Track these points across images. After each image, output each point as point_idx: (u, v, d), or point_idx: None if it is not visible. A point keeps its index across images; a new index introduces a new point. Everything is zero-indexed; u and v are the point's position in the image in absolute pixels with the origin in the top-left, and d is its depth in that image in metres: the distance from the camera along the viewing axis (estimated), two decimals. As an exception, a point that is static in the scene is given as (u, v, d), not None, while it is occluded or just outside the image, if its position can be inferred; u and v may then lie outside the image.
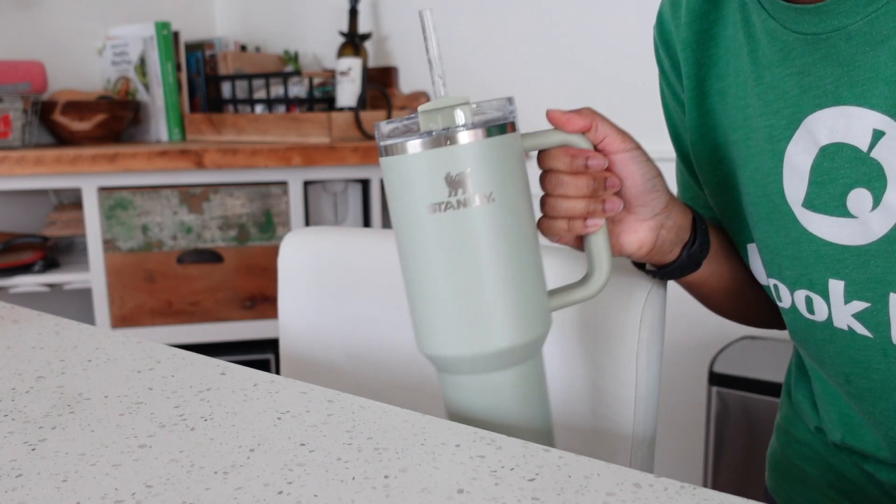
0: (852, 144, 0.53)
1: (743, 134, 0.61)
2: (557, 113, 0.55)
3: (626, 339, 0.68)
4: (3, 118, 1.67)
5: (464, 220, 0.49)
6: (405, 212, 0.51)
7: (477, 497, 0.40)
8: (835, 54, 0.53)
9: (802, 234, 0.58)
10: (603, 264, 0.57)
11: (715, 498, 0.39)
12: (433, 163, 0.49)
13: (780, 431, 0.76)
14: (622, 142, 0.55)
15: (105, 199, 1.62)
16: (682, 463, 1.61)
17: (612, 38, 1.58)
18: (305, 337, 0.89)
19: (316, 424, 0.49)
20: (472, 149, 0.49)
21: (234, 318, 1.71)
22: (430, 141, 0.49)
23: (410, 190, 0.50)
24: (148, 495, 0.40)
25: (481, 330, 0.51)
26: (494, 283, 0.50)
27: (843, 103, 0.53)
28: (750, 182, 0.61)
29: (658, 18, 0.70)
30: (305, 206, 1.72)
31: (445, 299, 0.51)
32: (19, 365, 0.61)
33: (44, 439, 0.48)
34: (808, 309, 0.60)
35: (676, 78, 0.68)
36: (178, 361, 0.61)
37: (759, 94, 0.59)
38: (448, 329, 0.52)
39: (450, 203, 0.49)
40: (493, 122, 0.50)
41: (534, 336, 0.53)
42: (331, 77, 1.87)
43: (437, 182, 0.49)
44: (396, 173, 0.51)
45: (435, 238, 0.50)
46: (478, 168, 0.49)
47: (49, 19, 1.98)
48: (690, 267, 0.64)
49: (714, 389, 1.36)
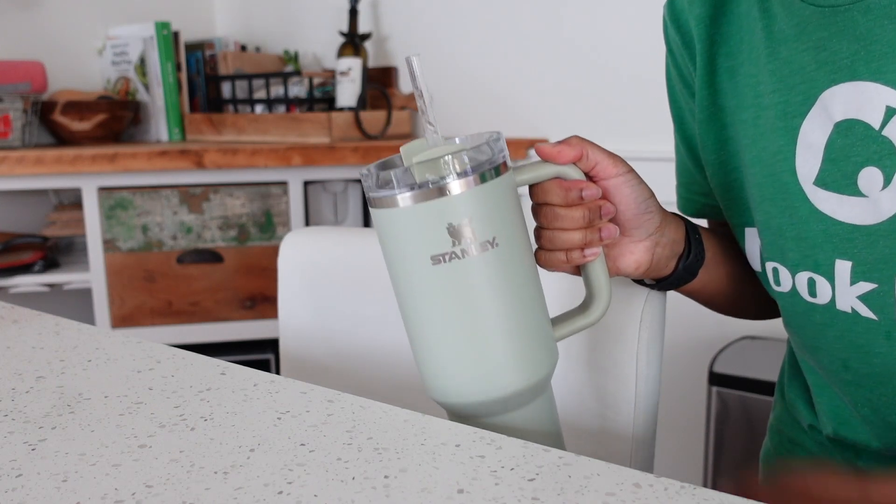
0: (864, 121, 0.52)
1: (753, 113, 0.61)
2: (547, 147, 0.54)
3: (626, 339, 0.68)
4: (3, 118, 1.67)
5: (467, 268, 0.49)
6: (405, 264, 0.50)
7: (477, 497, 0.40)
8: (852, 27, 0.52)
9: (811, 213, 0.57)
10: (603, 290, 0.57)
11: (715, 498, 0.39)
12: (433, 214, 0.48)
13: (773, 431, 0.76)
14: (614, 166, 0.55)
15: (105, 199, 1.62)
16: (682, 463, 1.61)
17: (615, 37, 1.58)
18: (305, 337, 0.89)
19: (316, 424, 0.49)
20: (471, 196, 0.48)
21: (234, 318, 1.71)
22: (427, 192, 0.47)
23: (409, 242, 0.49)
24: (148, 495, 0.40)
25: (490, 375, 0.51)
26: (501, 327, 0.50)
27: (858, 78, 0.52)
28: (757, 161, 0.61)
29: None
30: (305, 206, 1.72)
31: (452, 348, 0.51)
32: (19, 365, 0.61)
33: (44, 439, 0.48)
34: (809, 292, 0.60)
35: (687, 57, 0.68)
36: (178, 361, 0.61)
37: (773, 70, 0.58)
38: (457, 376, 0.51)
39: (453, 253, 0.48)
40: (487, 165, 0.49)
41: (543, 374, 0.52)
42: (331, 77, 1.88)
43: (438, 233, 0.48)
44: (393, 226, 0.49)
45: (438, 289, 0.49)
46: (478, 215, 0.48)
47: (49, 19, 1.98)
48: (686, 278, 0.64)
49: (714, 389, 1.36)
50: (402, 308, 0.52)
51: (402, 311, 0.52)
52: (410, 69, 0.51)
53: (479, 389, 0.51)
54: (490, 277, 0.49)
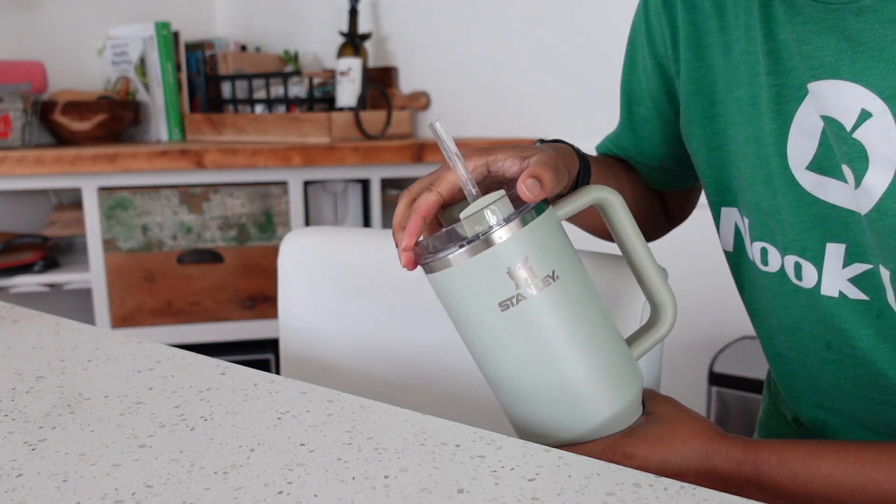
0: (838, 120, 0.53)
1: (749, 91, 0.60)
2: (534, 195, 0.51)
3: (626, 339, 0.68)
4: (3, 118, 1.67)
5: (535, 306, 0.49)
6: (474, 318, 0.51)
7: (477, 497, 0.40)
8: (841, 27, 0.52)
9: (802, 198, 0.57)
10: (666, 301, 0.58)
11: (715, 498, 0.39)
12: (491, 263, 0.49)
13: (761, 426, 0.77)
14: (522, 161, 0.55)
15: (105, 199, 1.62)
16: (682, 463, 1.61)
17: (616, 37, 1.58)
18: (305, 337, 0.89)
19: (316, 424, 0.49)
20: (521, 237, 0.49)
21: (234, 318, 1.71)
22: (480, 245, 0.49)
23: (474, 296, 0.50)
24: (148, 495, 0.40)
25: (580, 409, 0.51)
26: (580, 359, 0.50)
27: (839, 77, 0.52)
28: (751, 141, 0.60)
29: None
30: (305, 206, 1.72)
31: (537, 390, 0.51)
32: (19, 365, 0.61)
33: (44, 439, 0.48)
34: (796, 275, 0.60)
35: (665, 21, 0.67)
36: (178, 361, 0.61)
37: (768, 51, 0.58)
38: (548, 417, 0.52)
39: (519, 296, 0.49)
40: (530, 206, 0.50)
41: (631, 396, 0.53)
42: (331, 77, 1.88)
43: (500, 280, 0.49)
44: (454, 284, 0.50)
45: (512, 334, 0.50)
46: (533, 253, 0.49)
47: (49, 19, 1.98)
48: None
49: (714, 389, 1.36)
50: (480, 361, 0.53)
51: (480, 363, 0.53)
52: (437, 134, 0.51)
53: (573, 425, 0.52)
54: (558, 310, 0.50)
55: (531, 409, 0.52)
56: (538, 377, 0.51)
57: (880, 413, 0.59)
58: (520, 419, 0.53)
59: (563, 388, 0.51)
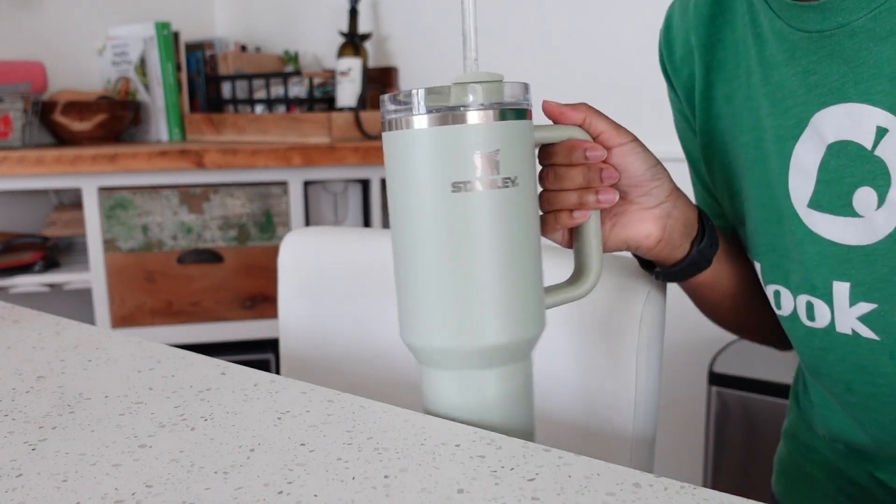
0: (857, 142, 0.53)
1: (753, 136, 0.61)
2: (553, 105, 0.54)
3: (626, 339, 0.68)
4: (3, 118, 1.67)
5: (483, 201, 0.47)
6: (420, 189, 0.48)
7: (477, 497, 0.40)
8: (840, 51, 0.52)
9: (806, 236, 0.57)
10: (593, 262, 0.56)
11: (715, 498, 0.39)
12: (460, 139, 0.47)
13: (788, 437, 0.75)
14: (618, 136, 0.55)
15: (105, 199, 1.62)
16: (682, 463, 1.61)
17: (616, 37, 1.58)
18: (305, 337, 0.89)
19: (316, 424, 0.49)
20: (505, 129, 0.47)
21: (234, 318, 1.71)
22: (449, 116, 0.47)
23: (432, 166, 0.47)
24: (148, 495, 0.40)
25: (474, 322, 0.49)
26: (497, 273, 0.48)
27: (847, 100, 0.53)
28: (757, 185, 0.61)
29: (665, 23, 0.70)
30: (305, 206, 1.72)
31: (441, 285, 0.49)
32: (19, 365, 0.61)
33: (44, 439, 0.48)
34: (808, 315, 0.59)
35: (679, 85, 0.68)
36: (178, 361, 0.61)
37: (767, 93, 0.58)
38: (439, 318, 0.49)
39: (466, 183, 0.47)
40: (514, 106, 0.49)
41: (529, 335, 0.51)
42: (331, 77, 1.87)
43: (465, 160, 0.47)
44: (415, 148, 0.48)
45: (444, 218, 0.48)
46: (507, 150, 0.47)
47: (49, 19, 1.98)
48: (702, 263, 0.63)
49: (714, 389, 1.36)
50: (398, 238, 0.50)
51: (397, 241, 0.51)
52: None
53: (459, 333, 0.49)
54: (504, 215, 0.48)
55: (427, 301, 0.49)
56: (452, 271, 0.48)
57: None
58: (412, 314, 0.51)
59: (469, 292, 0.48)
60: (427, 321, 0.50)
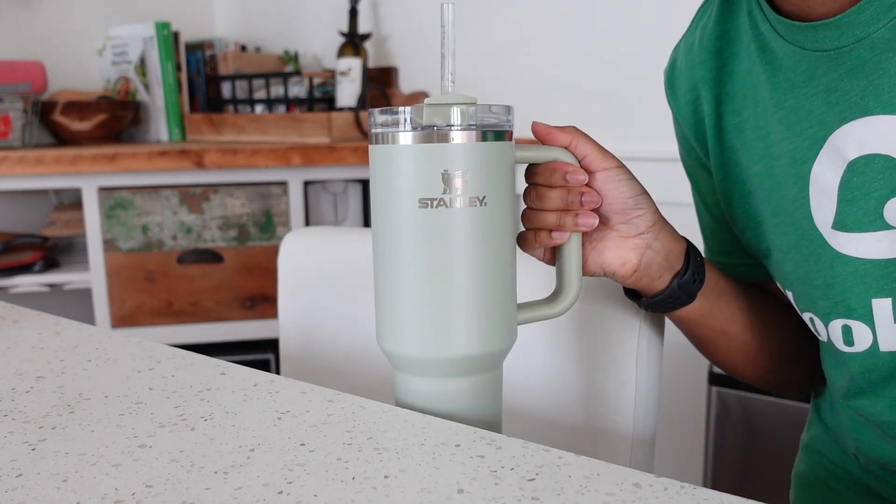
0: (884, 154, 0.52)
1: (765, 164, 0.60)
2: (541, 126, 0.55)
3: (626, 339, 0.68)
4: (3, 118, 1.67)
5: (452, 218, 0.49)
6: (392, 203, 0.50)
7: (477, 497, 0.40)
8: (860, 66, 0.52)
9: (835, 258, 0.56)
10: (572, 283, 0.57)
11: (715, 498, 0.39)
12: (432, 158, 0.49)
13: (810, 451, 0.74)
14: (603, 160, 0.56)
15: (105, 199, 1.62)
16: (682, 463, 1.61)
17: (616, 37, 1.58)
18: (305, 337, 0.89)
19: (316, 424, 0.49)
20: (471, 150, 0.49)
21: (234, 318, 1.71)
22: (430, 135, 0.49)
23: (402, 181, 0.50)
24: (148, 495, 0.40)
25: (447, 333, 0.51)
26: (469, 287, 0.50)
27: (869, 113, 0.52)
28: (777, 212, 0.60)
29: (669, 64, 0.70)
30: (305, 206, 1.72)
31: (416, 296, 0.51)
32: (19, 365, 0.61)
33: (44, 439, 0.48)
34: (845, 341, 0.58)
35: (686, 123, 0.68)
36: (178, 361, 0.61)
37: (781, 118, 0.58)
38: (413, 327, 0.51)
39: (441, 200, 0.49)
40: (493, 128, 0.50)
41: (497, 348, 0.52)
42: (331, 77, 1.87)
43: (432, 177, 0.49)
44: (391, 163, 0.50)
45: (420, 233, 0.50)
46: (474, 170, 0.49)
47: (49, 19, 1.98)
48: (682, 298, 0.62)
49: (714, 389, 1.36)
50: (378, 249, 0.53)
51: (377, 252, 0.53)
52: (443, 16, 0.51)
53: (432, 343, 0.51)
54: (470, 234, 0.50)
55: (402, 313, 0.51)
56: (421, 285, 0.50)
57: None
58: (386, 321, 0.53)
59: (438, 305, 0.50)
60: (401, 330, 0.52)
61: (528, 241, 0.57)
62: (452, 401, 0.52)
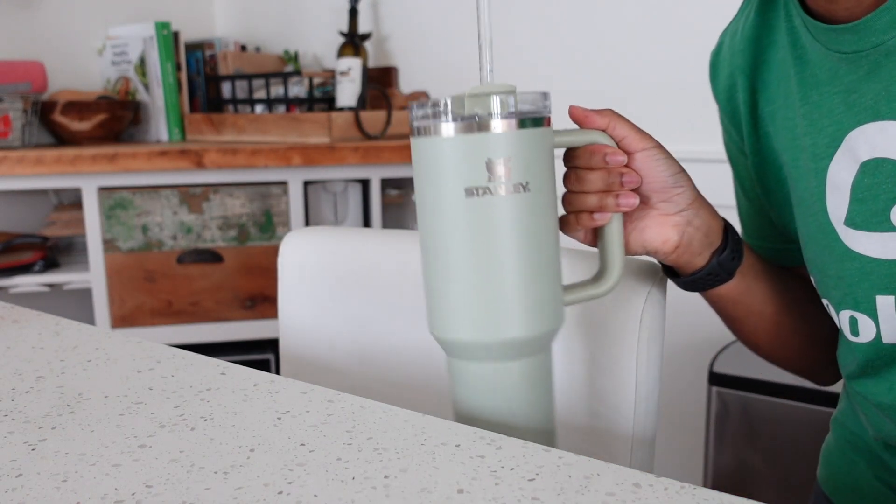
0: (892, 159, 0.53)
1: (792, 155, 0.62)
2: (579, 110, 0.56)
3: (626, 339, 0.68)
4: (3, 118, 1.67)
5: (497, 206, 0.50)
6: (438, 194, 0.51)
7: (477, 497, 0.40)
8: (876, 70, 0.53)
9: (846, 253, 0.58)
10: (615, 262, 0.58)
11: (715, 498, 0.39)
12: (475, 147, 0.50)
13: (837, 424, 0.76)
14: (641, 141, 0.57)
15: (105, 199, 1.62)
16: (682, 463, 1.61)
17: (616, 37, 1.58)
18: (305, 337, 0.89)
19: (316, 424, 0.49)
20: (513, 137, 0.50)
21: (234, 318, 1.71)
22: (472, 125, 0.49)
23: (447, 172, 0.50)
24: (148, 495, 0.40)
25: (497, 317, 0.52)
26: (516, 272, 0.51)
27: (881, 118, 0.53)
28: (800, 202, 0.62)
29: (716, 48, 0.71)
30: (305, 206, 1.72)
31: (466, 284, 0.52)
32: (19, 365, 0.61)
33: (44, 439, 0.48)
34: (851, 331, 0.60)
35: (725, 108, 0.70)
36: (178, 361, 0.61)
37: (805, 113, 0.60)
38: (464, 313, 0.52)
39: (487, 189, 0.50)
40: (532, 115, 0.51)
41: (546, 329, 0.53)
42: (331, 77, 1.87)
43: (476, 167, 0.50)
44: (434, 154, 0.51)
45: (466, 221, 0.51)
46: (517, 157, 0.50)
47: (49, 19, 1.98)
48: (721, 275, 0.63)
49: (714, 389, 1.36)
50: (425, 240, 0.54)
51: (424, 243, 0.54)
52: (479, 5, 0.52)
53: (483, 328, 0.52)
54: (516, 219, 0.51)
55: (453, 300, 0.52)
56: (470, 272, 0.51)
57: None
58: (438, 309, 0.54)
59: (489, 290, 0.51)
60: (452, 317, 0.53)
61: (569, 224, 0.58)
62: (505, 384, 0.54)
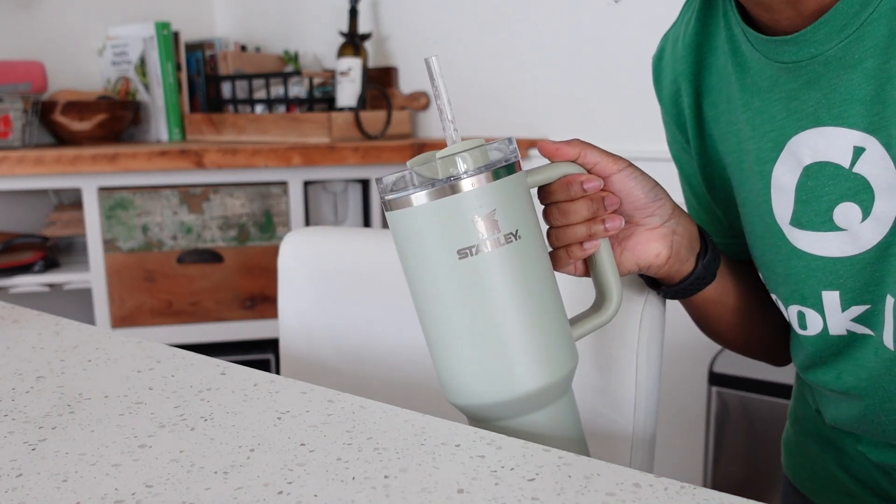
0: (834, 162, 0.56)
1: (736, 157, 0.64)
2: (549, 144, 0.56)
3: (626, 338, 0.68)
4: (3, 118, 1.67)
5: (493, 259, 0.49)
6: (429, 262, 0.50)
7: (477, 497, 0.40)
8: (815, 79, 0.56)
9: (792, 252, 0.60)
10: (613, 286, 0.58)
11: (715, 498, 0.39)
12: (461, 207, 0.48)
13: (791, 412, 0.79)
14: (614, 163, 0.57)
15: (105, 199, 1.62)
16: (682, 463, 1.61)
17: (615, 37, 1.58)
18: (305, 337, 0.89)
19: (316, 424, 0.49)
20: (497, 188, 0.49)
21: (234, 318, 1.71)
22: (454, 186, 0.48)
23: (435, 238, 0.49)
24: (148, 495, 0.40)
25: (511, 374, 0.50)
26: (525, 323, 0.50)
27: (822, 124, 0.56)
28: (745, 203, 0.64)
29: (657, 53, 0.73)
30: (305, 206, 1.72)
31: (474, 346, 0.50)
32: (19, 365, 0.61)
33: (44, 439, 0.48)
34: (800, 324, 0.63)
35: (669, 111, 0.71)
36: (178, 361, 0.61)
37: (748, 119, 0.62)
38: (478, 376, 0.51)
39: (481, 246, 0.49)
40: (503, 163, 0.50)
41: (563, 374, 0.52)
42: (331, 77, 1.87)
43: (465, 226, 0.49)
44: (415, 224, 0.50)
45: (463, 283, 0.49)
46: (503, 207, 0.49)
47: (49, 19, 1.98)
48: (707, 277, 0.64)
49: (714, 389, 1.36)
50: (422, 309, 0.52)
51: (422, 312, 0.52)
52: (429, 69, 0.51)
53: (499, 389, 0.51)
54: (513, 269, 0.50)
55: (462, 364, 0.51)
56: (477, 332, 0.50)
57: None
58: (449, 377, 0.52)
59: (498, 348, 0.50)
60: (467, 382, 0.52)
61: (560, 260, 0.58)
62: (534, 435, 0.52)
